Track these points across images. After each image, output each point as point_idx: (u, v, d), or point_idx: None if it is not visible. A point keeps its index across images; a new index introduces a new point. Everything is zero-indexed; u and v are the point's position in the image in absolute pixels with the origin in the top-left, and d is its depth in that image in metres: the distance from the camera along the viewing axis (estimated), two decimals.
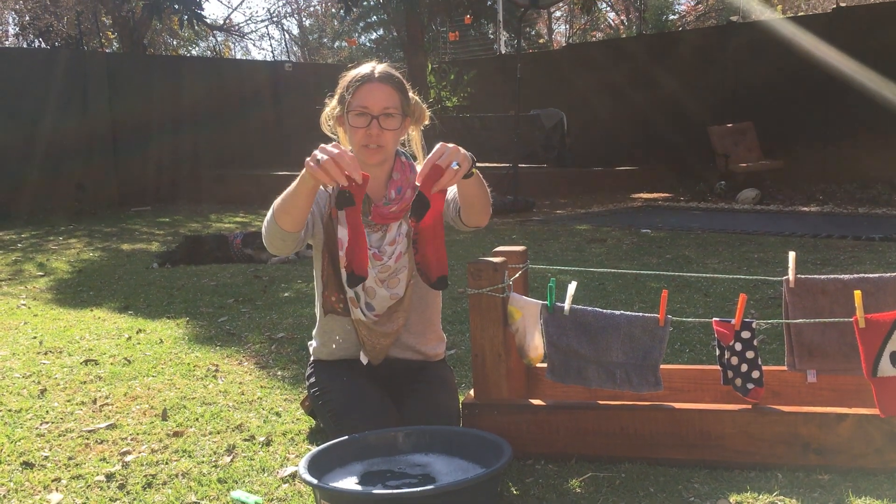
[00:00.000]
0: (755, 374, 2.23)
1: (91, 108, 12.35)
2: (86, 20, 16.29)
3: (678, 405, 2.29)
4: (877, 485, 2.07)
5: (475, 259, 2.41)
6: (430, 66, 14.83)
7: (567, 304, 2.34)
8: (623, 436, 2.28)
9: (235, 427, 2.72)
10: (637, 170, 12.80)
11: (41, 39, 17.24)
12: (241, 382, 3.25)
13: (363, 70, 2.44)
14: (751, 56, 12.00)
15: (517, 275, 2.50)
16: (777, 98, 11.67)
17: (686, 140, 12.33)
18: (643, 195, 11.70)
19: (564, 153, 12.92)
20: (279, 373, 3.37)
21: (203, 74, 13.91)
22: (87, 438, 2.66)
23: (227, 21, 26.62)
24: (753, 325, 2.24)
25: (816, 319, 2.25)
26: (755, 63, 11.94)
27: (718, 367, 2.30)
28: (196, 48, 28.57)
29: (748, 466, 2.20)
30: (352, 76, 2.45)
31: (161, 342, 3.96)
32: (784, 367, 2.36)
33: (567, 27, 30.26)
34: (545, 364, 2.42)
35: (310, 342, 2.69)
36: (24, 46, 17.50)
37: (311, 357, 2.64)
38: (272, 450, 2.51)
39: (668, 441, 2.25)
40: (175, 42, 26.44)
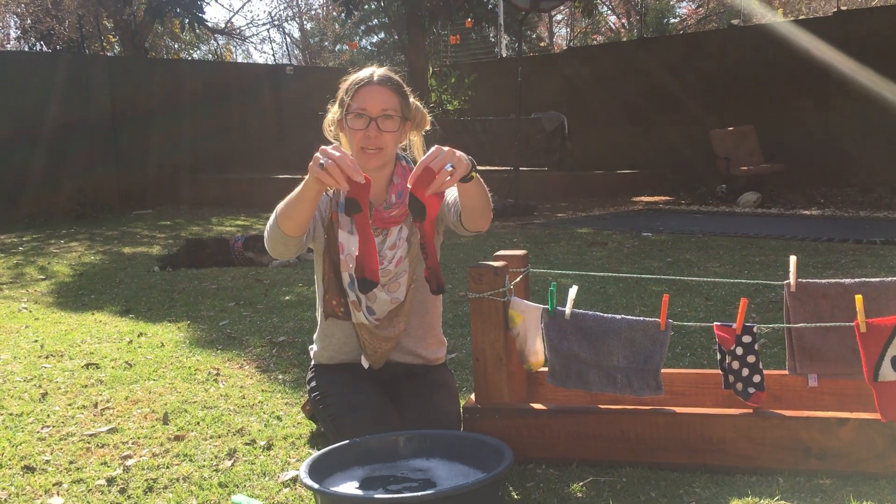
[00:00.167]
0: (756, 379, 2.23)
1: (92, 111, 12.36)
2: (87, 23, 16.31)
3: (679, 409, 2.29)
4: (878, 489, 2.07)
5: (476, 263, 2.41)
6: (432, 70, 14.87)
7: (568, 308, 2.34)
8: (624, 440, 2.28)
9: (236, 431, 2.72)
10: (638, 173, 12.81)
11: (43, 43, 17.27)
12: (242, 386, 3.25)
13: (362, 74, 2.46)
14: (752, 59, 12.01)
15: (518, 279, 2.50)
16: (778, 101, 11.68)
17: (687, 143, 12.35)
18: (644, 198, 11.71)
19: (565, 156, 12.92)
20: (280, 376, 3.37)
21: (204, 78, 13.92)
22: (88, 442, 2.66)
23: (229, 24, 26.71)
24: (755, 330, 2.24)
25: (818, 324, 2.25)
26: (756, 66, 11.95)
27: (719, 372, 2.30)
28: (197, 51, 28.66)
29: (749, 471, 2.19)
30: (352, 80, 2.46)
31: (162, 346, 3.96)
32: (785, 372, 2.36)
33: (568, 30, 30.29)
34: (546, 369, 2.42)
35: (310, 346, 2.69)
36: (26, 50, 17.51)
37: (312, 361, 2.64)
38: (273, 454, 2.51)
39: (670, 445, 2.25)
40: (176, 45, 26.51)
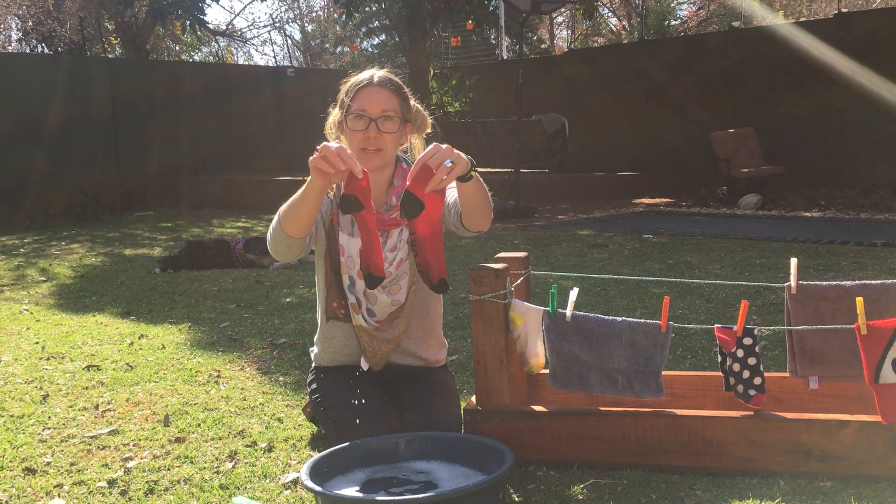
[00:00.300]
0: (757, 381, 2.23)
1: (93, 113, 12.38)
2: (89, 25, 16.33)
3: (680, 412, 2.29)
4: (879, 492, 2.07)
5: (477, 265, 2.41)
6: (433, 72, 14.88)
7: (569, 311, 2.34)
8: (625, 442, 2.28)
9: (237, 433, 2.72)
10: (639, 175, 12.81)
11: (44, 45, 17.27)
12: (243, 388, 3.25)
13: (363, 75, 2.47)
14: (753, 61, 12.01)
15: (519, 281, 2.50)
16: (779, 103, 11.68)
17: (688, 145, 12.35)
18: (645, 200, 11.71)
19: (566, 158, 12.93)
20: (281, 378, 3.37)
21: (205, 79, 13.94)
22: (89, 444, 2.67)
23: (230, 26, 26.72)
24: (755, 332, 2.24)
25: (818, 326, 2.25)
26: (757, 68, 11.95)
27: (720, 374, 2.29)
28: (198, 53, 28.67)
29: (750, 473, 2.19)
30: (352, 82, 2.47)
31: (163, 347, 3.96)
32: (786, 374, 2.35)
33: (569, 32, 30.31)
34: (547, 371, 2.42)
35: (311, 348, 2.69)
36: (28, 52, 17.53)
37: (313, 363, 2.65)
38: (274, 456, 2.51)
39: (670, 448, 2.25)
40: (178, 47, 26.53)
